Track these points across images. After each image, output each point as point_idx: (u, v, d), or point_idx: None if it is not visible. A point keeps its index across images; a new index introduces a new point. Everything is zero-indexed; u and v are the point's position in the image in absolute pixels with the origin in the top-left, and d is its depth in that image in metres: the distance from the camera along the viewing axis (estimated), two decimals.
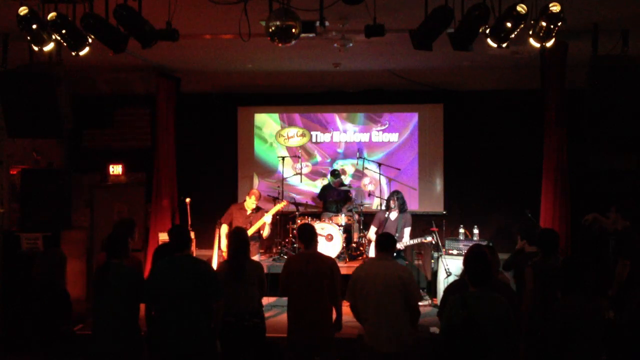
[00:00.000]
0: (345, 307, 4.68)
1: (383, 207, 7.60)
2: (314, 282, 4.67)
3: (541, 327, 4.32)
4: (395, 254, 6.79)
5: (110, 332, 4.32)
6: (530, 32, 4.79)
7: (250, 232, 6.45)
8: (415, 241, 7.04)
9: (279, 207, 7.34)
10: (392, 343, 4.33)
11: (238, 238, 4.84)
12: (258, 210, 7.22)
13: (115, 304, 4.31)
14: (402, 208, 7.08)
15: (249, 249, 4.88)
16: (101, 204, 9.31)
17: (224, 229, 7.17)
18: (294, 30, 4.47)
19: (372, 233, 7.29)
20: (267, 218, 7.04)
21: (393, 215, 7.05)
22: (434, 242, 7.03)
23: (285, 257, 8.02)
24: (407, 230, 7.11)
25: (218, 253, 7.33)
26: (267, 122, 9.53)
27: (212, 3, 4.50)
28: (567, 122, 6.95)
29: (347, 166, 9.42)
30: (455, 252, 7.39)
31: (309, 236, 4.89)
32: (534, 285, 4.69)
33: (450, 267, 7.00)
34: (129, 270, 4.45)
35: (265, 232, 7.15)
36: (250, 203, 7.17)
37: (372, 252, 7.38)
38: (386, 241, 4.63)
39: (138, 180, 9.29)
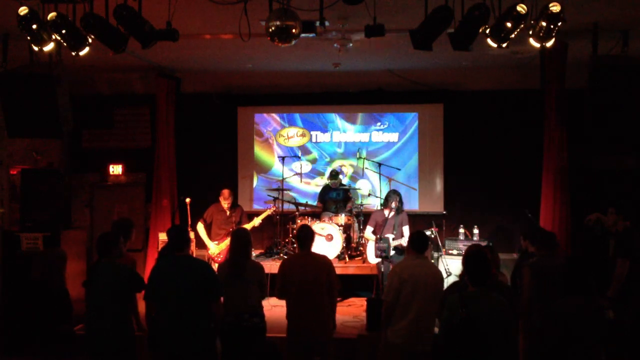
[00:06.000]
0: (344, 308, 4.67)
1: (380, 207, 7.59)
2: (310, 283, 4.68)
3: (541, 327, 4.32)
4: (394, 251, 6.85)
5: (102, 331, 4.32)
6: (530, 32, 4.78)
7: None
8: None
9: (267, 212, 7.86)
10: (425, 342, 4.43)
11: (239, 238, 4.84)
12: (236, 207, 7.66)
13: (106, 303, 4.31)
14: (400, 208, 7.08)
15: (249, 249, 4.89)
16: (101, 204, 9.31)
17: (199, 226, 7.58)
18: (294, 30, 4.47)
19: (368, 233, 7.28)
20: (256, 221, 7.72)
21: (391, 214, 7.04)
22: (432, 236, 7.00)
23: (286, 257, 8.02)
24: (406, 228, 7.12)
25: (206, 252, 7.70)
26: (267, 122, 9.53)
27: (212, 3, 4.50)
28: (567, 122, 6.94)
29: (347, 166, 9.42)
30: (455, 252, 7.38)
31: (305, 237, 4.92)
32: (531, 284, 4.71)
33: (450, 267, 6.99)
34: (120, 268, 4.45)
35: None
36: (223, 203, 7.57)
37: (370, 252, 7.38)
38: (424, 241, 4.65)
39: (138, 180, 9.29)
